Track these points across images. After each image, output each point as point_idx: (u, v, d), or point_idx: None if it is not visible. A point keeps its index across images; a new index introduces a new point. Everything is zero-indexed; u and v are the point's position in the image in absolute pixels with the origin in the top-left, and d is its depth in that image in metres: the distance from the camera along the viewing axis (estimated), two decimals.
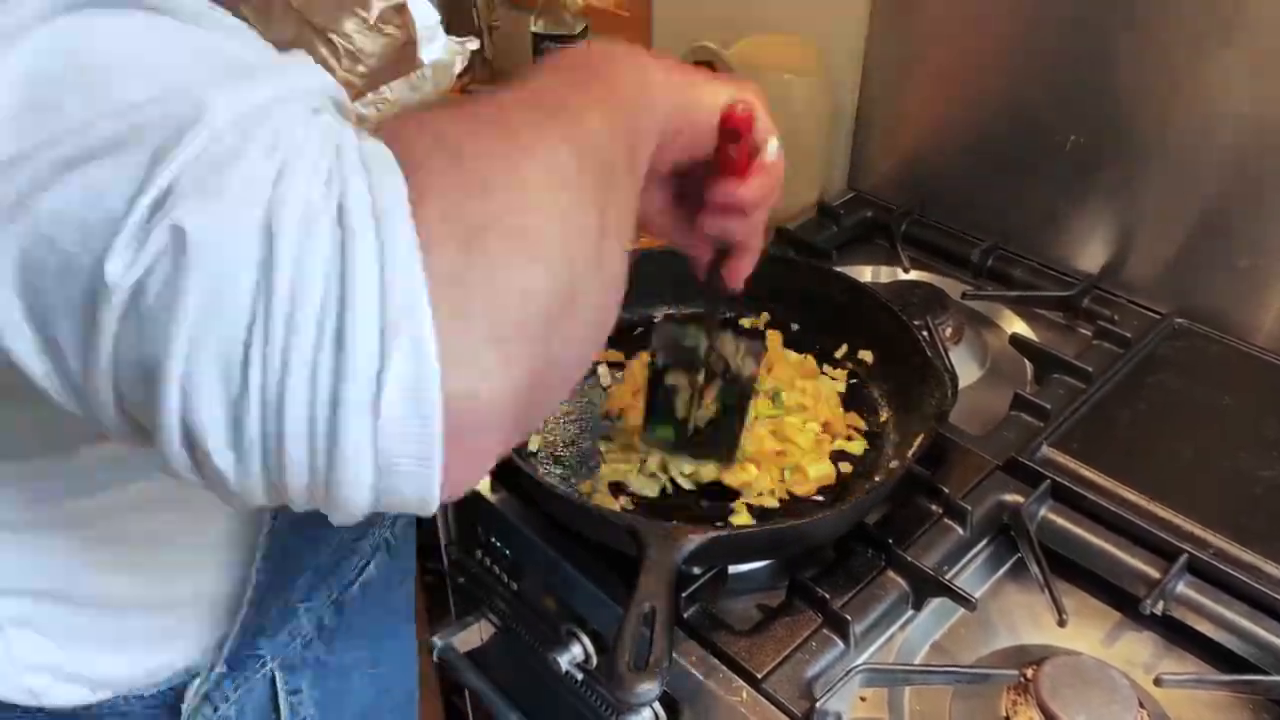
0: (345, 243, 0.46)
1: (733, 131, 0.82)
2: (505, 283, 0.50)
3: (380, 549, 1.00)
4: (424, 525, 1.35)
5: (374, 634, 1.05)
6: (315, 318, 0.46)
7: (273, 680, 0.92)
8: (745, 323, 1.38)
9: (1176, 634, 1.06)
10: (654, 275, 1.37)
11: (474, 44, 1.98)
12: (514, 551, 1.24)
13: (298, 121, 0.49)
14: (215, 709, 0.87)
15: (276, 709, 0.93)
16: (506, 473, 1.17)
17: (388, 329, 0.46)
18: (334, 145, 0.49)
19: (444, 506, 1.31)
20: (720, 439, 1.09)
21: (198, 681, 0.85)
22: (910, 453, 1.11)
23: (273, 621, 0.89)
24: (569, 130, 0.59)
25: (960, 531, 1.12)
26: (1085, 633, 1.07)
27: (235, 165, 0.47)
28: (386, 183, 0.49)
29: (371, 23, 2.09)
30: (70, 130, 0.47)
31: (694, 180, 0.87)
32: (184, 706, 0.84)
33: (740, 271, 0.94)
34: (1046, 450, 1.20)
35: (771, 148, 0.87)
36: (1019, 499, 1.14)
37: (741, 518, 1.09)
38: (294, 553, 0.83)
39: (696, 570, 1.05)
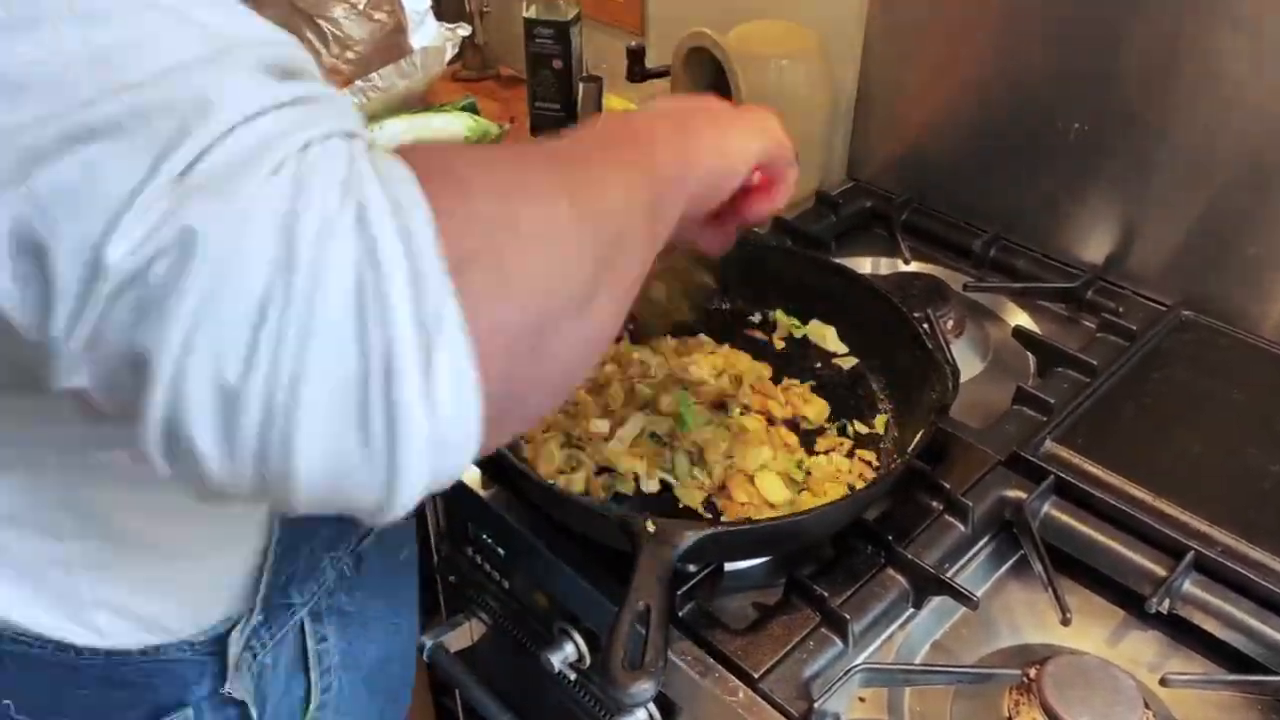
0: (372, 245, 0.49)
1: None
2: (474, 316, 0.52)
3: None
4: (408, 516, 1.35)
5: (388, 587, 1.09)
6: (348, 319, 0.49)
7: (302, 629, 0.96)
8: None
9: (1183, 633, 1.06)
10: None
11: (465, 29, 2.00)
12: (505, 548, 1.23)
13: (312, 130, 0.52)
14: (255, 656, 0.90)
15: (305, 657, 0.97)
16: (497, 468, 1.16)
17: (429, 324, 0.50)
18: (348, 156, 0.52)
19: (432, 502, 1.32)
20: None
21: (239, 628, 0.88)
22: (910, 447, 1.10)
23: (300, 571, 0.92)
24: (578, 188, 0.63)
25: (961, 528, 1.12)
26: (1089, 632, 1.06)
27: (249, 169, 0.49)
28: (404, 192, 0.52)
29: (360, 8, 2.09)
30: (74, 104, 0.48)
31: None
32: (230, 652, 0.87)
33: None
34: (1050, 445, 1.20)
35: (791, 178, 1.01)
36: (1021, 495, 1.14)
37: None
38: None
39: (692, 567, 1.05)
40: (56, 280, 0.48)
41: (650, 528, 0.95)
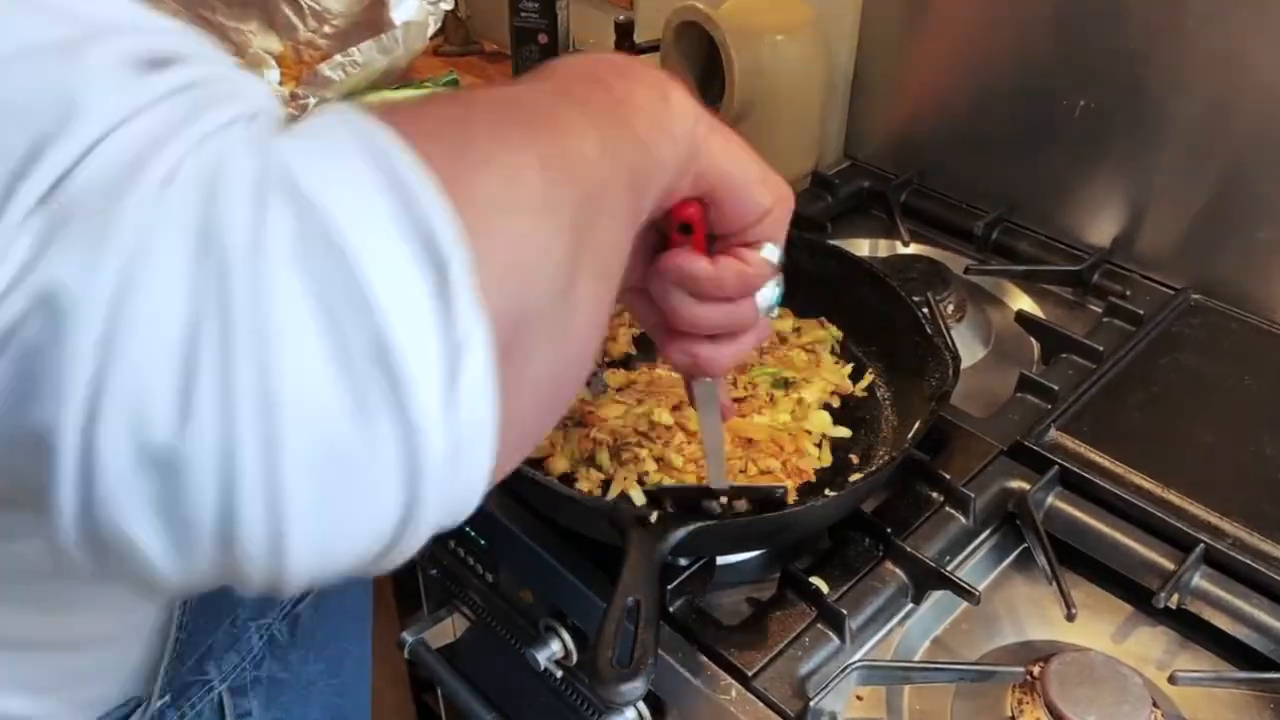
0: (323, 240, 0.41)
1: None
2: None
3: None
4: None
5: (333, 642, 1.00)
6: (318, 330, 0.40)
7: (220, 705, 0.88)
8: None
9: (1192, 629, 1.05)
10: None
11: (448, 3, 1.98)
12: (489, 541, 1.22)
13: (206, 119, 0.43)
14: None
15: None
16: None
17: (458, 339, 0.43)
18: (260, 141, 0.44)
19: None
20: None
21: (139, 714, 0.80)
22: (909, 436, 1.10)
23: (219, 643, 0.86)
24: (546, 147, 0.53)
25: (963, 520, 1.11)
26: (1095, 628, 1.06)
27: (132, 185, 0.40)
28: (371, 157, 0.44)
29: None
30: None
31: None
32: None
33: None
34: (1054, 434, 1.19)
35: (769, 252, 0.79)
36: (1025, 486, 1.13)
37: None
38: None
39: (683, 561, 1.04)
40: None
41: (639, 519, 0.94)
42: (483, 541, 1.23)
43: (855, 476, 1.12)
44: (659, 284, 0.75)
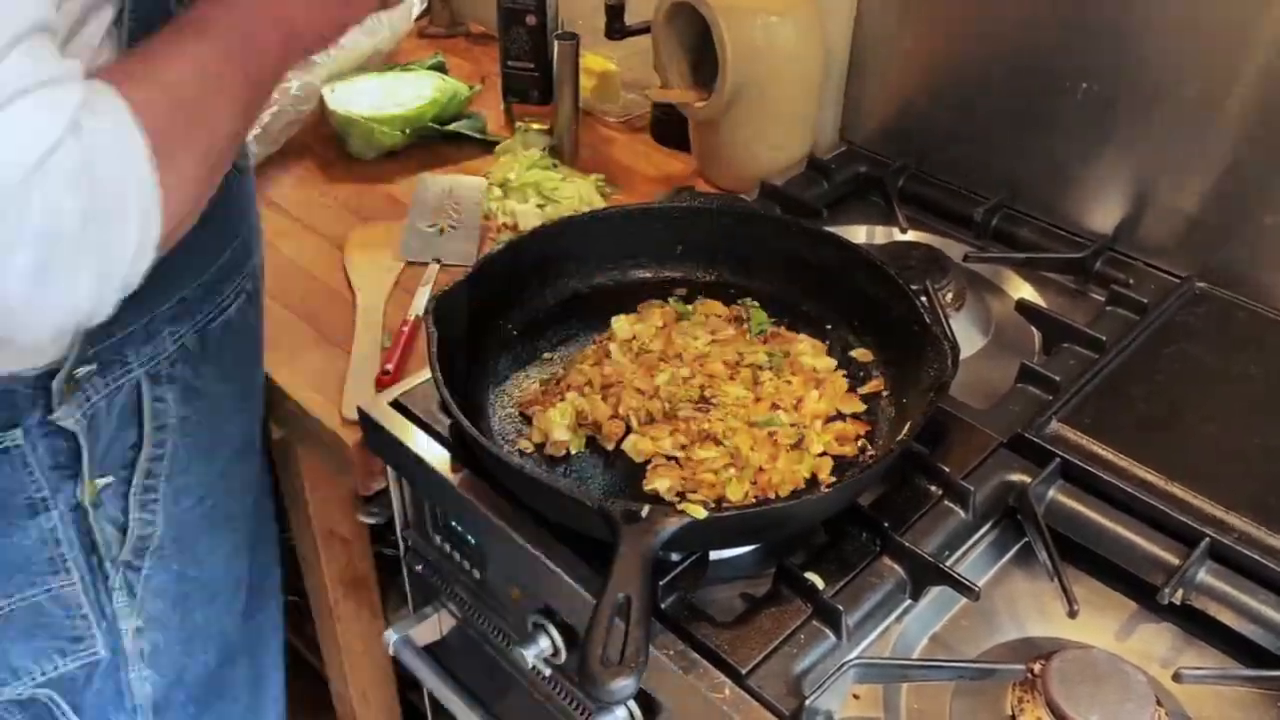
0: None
1: None
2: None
3: (240, 295, 1.16)
4: (373, 502, 1.36)
5: (240, 366, 1.22)
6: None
7: (138, 387, 1.06)
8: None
9: (1197, 625, 1.05)
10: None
11: None
12: (476, 536, 1.22)
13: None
14: (87, 397, 1.01)
15: (140, 411, 1.08)
16: (468, 451, 1.15)
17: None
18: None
19: (399, 487, 1.30)
20: None
21: (66, 366, 0.98)
22: (907, 428, 1.09)
23: (137, 336, 1.04)
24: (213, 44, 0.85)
25: (962, 514, 1.11)
26: (1098, 624, 1.06)
27: None
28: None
29: None
30: None
31: None
32: (54, 383, 0.97)
33: None
34: (1056, 426, 1.19)
35: None
36: (1026, 479, 1.13)
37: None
38: (160, 277, 0.88)
39: (675, 556, 1.04)
40: None
41: (630, 514, 0.94)
42: (470, 537, 1.23)
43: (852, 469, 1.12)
44: None
